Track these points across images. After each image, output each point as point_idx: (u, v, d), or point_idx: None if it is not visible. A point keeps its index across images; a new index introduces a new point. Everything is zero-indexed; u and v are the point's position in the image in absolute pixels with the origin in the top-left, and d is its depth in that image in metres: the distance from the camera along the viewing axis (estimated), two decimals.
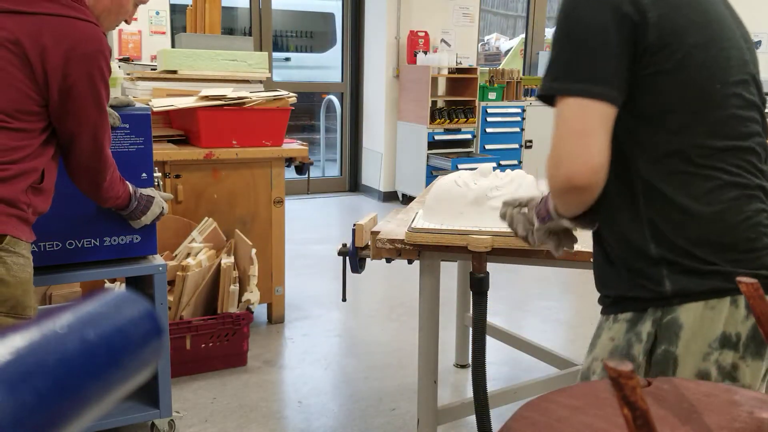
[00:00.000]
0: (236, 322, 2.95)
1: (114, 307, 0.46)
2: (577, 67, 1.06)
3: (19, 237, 1.65)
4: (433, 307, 2.01)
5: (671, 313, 1.09)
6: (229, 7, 7.00)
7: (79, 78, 1.67)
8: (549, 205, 1.22)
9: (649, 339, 1.11)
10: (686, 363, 1.09)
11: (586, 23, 1.07)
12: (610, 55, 1.05)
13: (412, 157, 6.48)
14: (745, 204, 1.10)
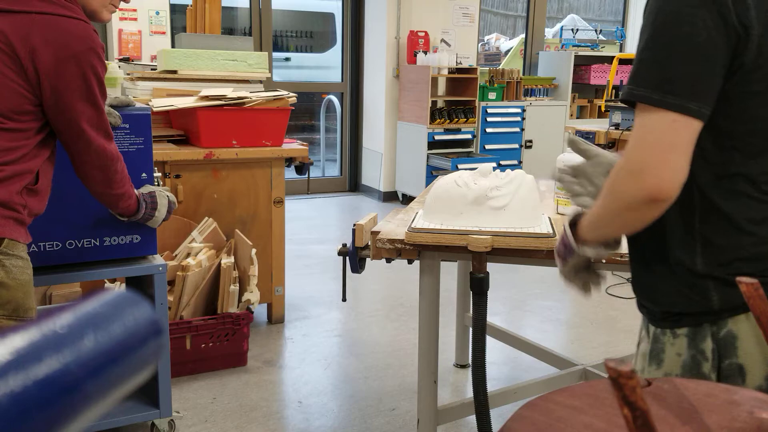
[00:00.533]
0: (236, 322, 2.95)
1: (114, 307, 0.46)
2: (678, 80, 1.02)
3: (17, 239, 1.65)
4: (433, 307, 2.01)
5: (724, 327, 1.11)
6: (229, 7, 7.00)
7: (71, 78, 1.67)
8: (569, 240, 1.21)
9: (714, 356, 1.12)
10: (753, 370, 1.11)
11: (689, 33, 1.01)
12: (712, 72, 1.02)
13: (412, 157, 6.48)
14: None
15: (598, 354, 3.24)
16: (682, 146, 1.01)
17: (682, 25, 1.01)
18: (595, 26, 7.97)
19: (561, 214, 2.26)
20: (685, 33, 1.01)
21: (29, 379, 0.37)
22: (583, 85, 7.52)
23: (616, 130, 4.69)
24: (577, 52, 7.29)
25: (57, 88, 1.66)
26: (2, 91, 1.63)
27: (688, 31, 1.01)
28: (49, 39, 1.64)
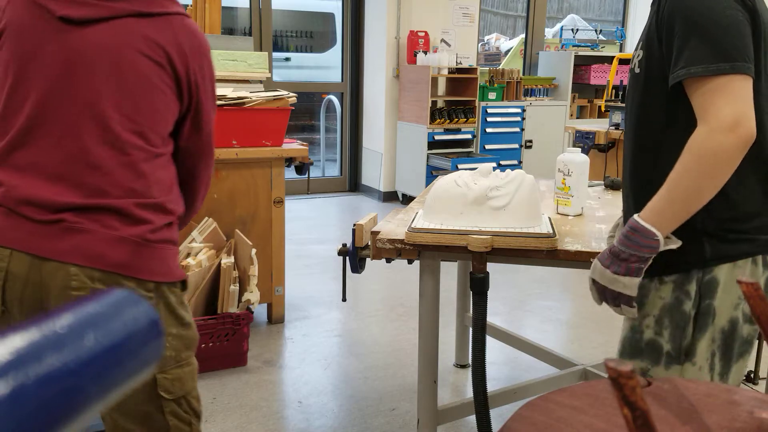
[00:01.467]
0: (236, 322, 2.95)
1: (114, 307, 0.46)
2: (734, 49, 1.23)
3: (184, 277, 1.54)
4: (433, 307, 2.01)
5: (710, 273, 1.30)
6: (229, 7, 7.00)
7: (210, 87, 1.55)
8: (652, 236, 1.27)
9: (696, 296, 1.31)
10: (722, 312, 1.30)
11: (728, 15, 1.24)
12: (749, 41, 1.25)
13: (412, 157, 6.48)
14: None
15: (598, 354, 3.24)
16: (751, 98, 1.23)
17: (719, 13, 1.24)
18: (595, 26, 7.98)
19: (561, 214, 2.26)
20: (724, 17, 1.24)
21: (29, 379, 0.37)
22: (583, 85, 7.52)
23: (617, 130, 4.69)
24: (577, 52, 7.29)
25: (200, 99, 1.51)
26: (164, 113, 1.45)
27: (726, 14, 1.24)
28: (194, 45, 1.47)
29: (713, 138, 1.21)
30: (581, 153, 2.32)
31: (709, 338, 1.31)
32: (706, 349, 1.31)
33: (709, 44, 1.23)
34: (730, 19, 1.24)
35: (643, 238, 1.27)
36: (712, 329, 1.31)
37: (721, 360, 1.32)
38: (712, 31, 1.24)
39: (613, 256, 1.32)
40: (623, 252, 1.30)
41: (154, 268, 1.40)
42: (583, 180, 2.26)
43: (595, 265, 1.37)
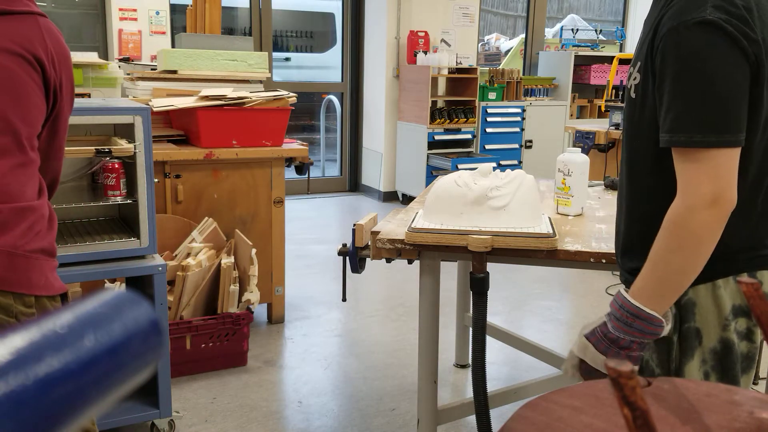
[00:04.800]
0: (236, 322, 2.95)
1: (114, 307, 0.46)
2: (725, 118, 1.15)
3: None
4: (433, 307, 2.01)
5: (686, 295, 1.26)
6: (229, 7, 7.00)
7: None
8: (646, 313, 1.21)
9: (675, 320, 1.28)
10: (708, 333, 1.26)
11: (724, 75, 1.15)
12: (745, 102, 1.17)
13: (412, 157, 6.48)
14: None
15: None
16: (735, 170, 1.17)
17: (715, 70, 1.14)
18: (595, 26, 7.98)
19: (561, 214, 2.26)
20: (720, 80, 1.14)
21: (29, 379, 0.37)
22: (583, 85, 7.52)
23: (616, 130, 4.69)
24: (577, 52, 7.29)
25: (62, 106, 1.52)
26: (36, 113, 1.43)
27: (722, 74, 1.14)
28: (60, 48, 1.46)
29: (693, 216, 1.16)
30: (581, 153, 2.32)
31: (698, 360, 1.27)
32: (696, 371, 1.28)
33: (696, 111, 1.15)
34: (725, 80, 1.14)
35: (648, 325, 1.22)
36: (701, 351, 1.27)
37: (721, 381, 1.28)
38: (702, 94, 1.15)
39: (611, 342, 1.24)
40: (623, 339, 1.23)
41: (32, 280, 1.35)
42: (583, 180, 2.26)
43: (586, 346, 1.28)
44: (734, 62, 1.14)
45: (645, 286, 1.22)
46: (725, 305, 1.25)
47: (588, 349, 1.27)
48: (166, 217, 3.11)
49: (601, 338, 1.25)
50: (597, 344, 1.26)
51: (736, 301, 1.26)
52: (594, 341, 1.26)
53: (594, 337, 1.27)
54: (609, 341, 1.24)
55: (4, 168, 1.35)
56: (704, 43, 1.14)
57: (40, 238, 1.40)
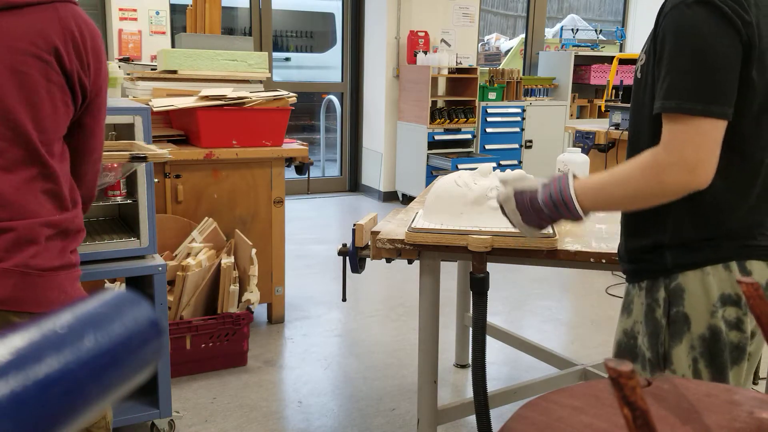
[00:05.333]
0: (236, 322, 2.95)
1: (114, 307, 0.46)
2: (714, 90, 1.22)
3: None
4: (433, 307, 2.01)
5: (675, 280, 1.32)
6: (229, 7, 7.00)
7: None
8: (575, 207, 1.33)
9: (665, 303, 1.34)
10: (697, 319, 1.31)
11: (716, 50, 1.22)
12: (735, 80, 1.23)
13: (412, 157, 6.48)
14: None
15: (598, 354, 3.24)
16: (718, 144, 1.23)
17: (709, 47, 1.21)
18: (595, 26, 7.97)
19: None
20: (712, 53, 1.21)
21: (29, 379, 0.37)
22: (583, 85, 7.52)
23: (616, 130, 4.69)
24: (577, 52, 7.29)
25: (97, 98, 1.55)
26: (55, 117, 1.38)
27: (715, 50, 1.21)
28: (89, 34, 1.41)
29: (670, 171, 1.22)
30: (581, 153, 2.32)
31: (687, 345, 1.32)
32: (684, 356, 1.32)
33: (688, 81, 1.22)
34: (717, 55, 1.21)
35: (568, 213, 1.34)
36: (689, 336, 1.32)
37: (708, 367, 1.32)
38: (695, 65, 1.22)
39: (535, 211, 1.39)
40: (543, 213, 1.38)
41: (49, 297, 1.31)
42: None
43: (510, 199, 1.42)
44: (728, 41, 1.21)
45: (591, 190, 1.33)
46: (713, 292, 1.30)
47: (510, 202, 1.43)
48: (166, 217, 3.11)
49: (527, 201, 1.39)
50: (520, 203, 1.40)
51: (725, 290, 1.30)
52: (519, 200, 1.41)
53: (521, 198, 1.41)
54: (532, 207, 1.39)
55: (18, 182, 1.30)
56: (701, 20, 1.21)
57: (60, 254, 1.35)
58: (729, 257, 1.31)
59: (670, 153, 1.23)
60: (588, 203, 1.33)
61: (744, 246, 1.31)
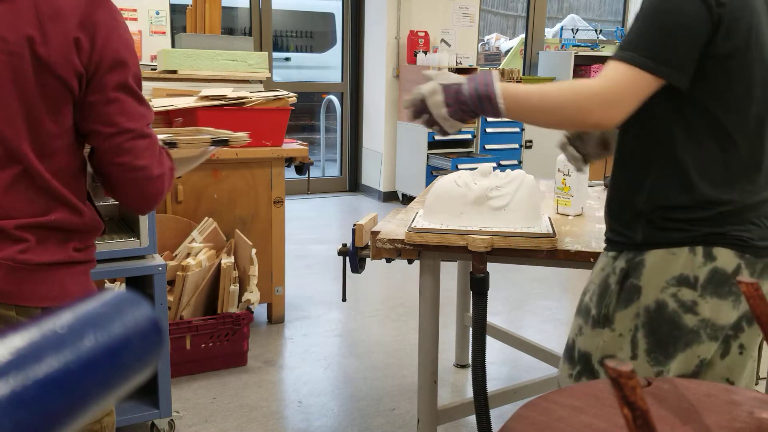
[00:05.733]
0: (236, 322, 2.95)
1: (114, 307, 0.46)
2: (665, 51, 1.28)
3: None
4: (433, 307, 2.01)
5: (640, 256, 1.40)
6: (229, 7, 7.00)
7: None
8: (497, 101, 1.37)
9: (621, 273, 1.42)
10: (647, 293, 1.39)
11: (679, 18, 1.28)
12: (691, 48, 1.29)
13: (412, 157, 6.48)
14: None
15: None
16: (642, 96, 1.30)
17: (672, 9, 1.28)
18: (595, 26, 7.97)
19: (561, 214, 2.26)
20: (673, 16, 1.28)
21: (29, 379, 0.37)
22: None
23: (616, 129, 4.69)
24: (577, 52, 7.29)
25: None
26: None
27: (678, 17, 1.28)
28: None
29: (591, 99, 1.30)
30: None
31: (632, 313, 1.41)
32: (627, 321, 1.41)
33: (644, 38, 1.30)
34: (680, 24, 1.28)
35: (490, 108, 1.38)
36: (637, 305, 1.40)
37: (647, 338, 1.40)
38: (653, 27, 1.29)
39: (460, 104, 1.41)
40: (467, 105, 1.40)
41: (40, 292, 1.31)
42: (583, 180, 2.26)
43: (437, 91, 1.41)
44: (696, 15, 1.27)
45: (516, 92, 1.37)
46: (672, 271, 1.37)
47: (436, 95, 1.41)
48: (166, 217, 3.11)
49: (453, 93, 1.40)
50: (447, 95, 1.40)
51: (684, 271, 1.36)
52: (446, 92, 1.40)
53: (448, 90, 1.40)
54: (457, 100, 1.40)
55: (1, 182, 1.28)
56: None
57: (57, 250, 1.33)
58: (696, 242, 1.36)
59: (599, 84, 1.30)
60: (510, 104, 1.37)
61: (712, 233, 1.35)
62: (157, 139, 1.38)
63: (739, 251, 1.36)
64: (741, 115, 1.35)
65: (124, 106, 1.30)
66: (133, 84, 1.32)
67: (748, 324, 1.43)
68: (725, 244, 1.36)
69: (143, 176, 1.32)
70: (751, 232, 1.37)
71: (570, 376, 1.52)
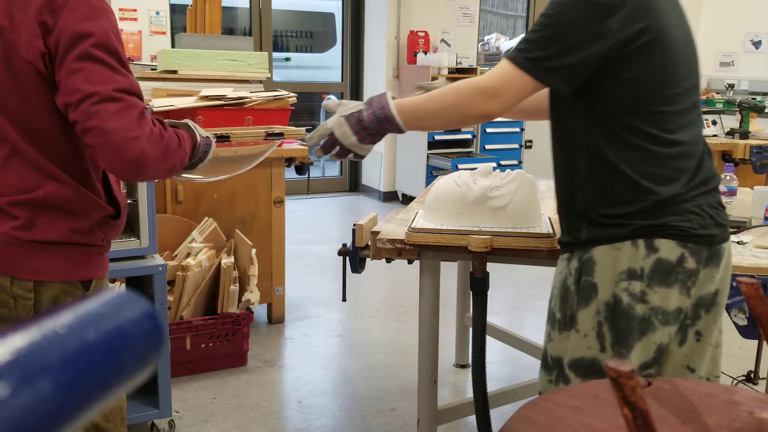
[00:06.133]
0: (236, 322, 2.95)
1: (114, 307, 0.46)
2: (550, 56, 1.36)
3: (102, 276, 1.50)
4: (433, 307, 2.01)
5: (588, 253, 1.46)
6: (229, 7, 7.00)
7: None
8: (396, 120, 1.51)
9: (576, 273, 1.48)
10: (603, 288, 1.44)
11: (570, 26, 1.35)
12: (582, 54, 1.35)
13: (412, 157, 6.48)
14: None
15: None
16: (523, 94, 1.40)
17: (561, 20, 1.36)
18: None
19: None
20: (560, 25, 1.36)
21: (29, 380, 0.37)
22: None
23: None
24: None
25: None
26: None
27: (564, 25, 1.35)
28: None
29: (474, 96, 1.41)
30: None
31: (593, 310, 1.45)
32: (590, 319, 1.46)
33: (535, 39, 1.38)
34: (571, 28, 1.35)
35: (391, 127, 1.51)
36: (596, 302, 1.45)
37: (611, 331, 1.44)
38: (547, 29, 1.37)
39: (364, 129, 1.53)
40: (372, 129, 1.52)
41: (32, 265, 1.36)
42: None
43: (342, 124, 1.54)
44: (589, 27, 1.34)
45: (410, 107, 1.50)
46: (619, 266, 1.42)
47: (342, 127, 1.53)
48: (166, 217, 3.11)
49: (355, 122, 1.53)
50: (350, 125, 1.53)
51: (631, 265, 1.41)
52: (349, 122, 1.53)
53: (351, 120, 1.53)
54: (361, 127, 1.53)
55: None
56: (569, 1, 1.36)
57: (49, 228, 1.36)
58: (636, 235, 1.41)
59: (484, 79, 1.41)
60: (407, 118, 1.50)
61: (651, 225, 1.40)
62: (140, 106, 1.33)
63: (681, 241, 1.41)
64: (664, 113, 1.40)
65: (87, 73, 1.29)
66: (98, 52, 1.29)
67: (706, 311, 1.49)
68: (666, 235, 1.41)
69: (117, 139, 1.27)
70: (691, 222, 1.41)
71: (550, 381, 1.56)
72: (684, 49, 1.44)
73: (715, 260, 1.47)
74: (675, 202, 1.42)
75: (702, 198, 1.44)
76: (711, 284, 1.48)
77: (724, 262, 1.49)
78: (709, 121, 4.60)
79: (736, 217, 2.12)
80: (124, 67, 1.33)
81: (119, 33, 1.37)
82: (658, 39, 1.37)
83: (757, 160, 4.16)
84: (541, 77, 1.38)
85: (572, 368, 1.48)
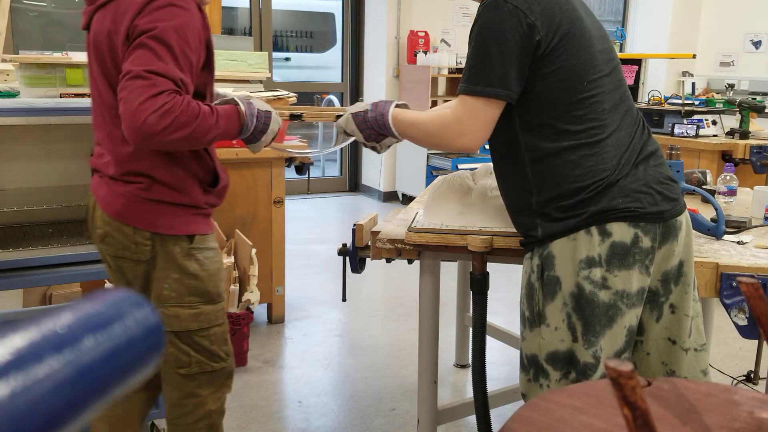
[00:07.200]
0: (236, 322, 2.95)
1: (114, 307, 0.46)
2: (492, 75, 1.45)
3: (206, 231, 1.70)
4: (433, 307, 2.01)
5: (547, 249, 1.51)
6: (229, 7, 7.00)
7: None
8: (392, 131, 1.67)
9: (538, 269, 1.53)
10: (566, 280, 1.48)
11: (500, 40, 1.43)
12: (513, 65, 1.44)
13: (412, 157, 6.48)
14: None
15: None
16: (492, 120, 1.49)
17: (495, 36, 1.44)
18: None
19: None
20: (497, 41, 1.43)
21: (29, 379, 0.37)
22: None
23: None
24: None
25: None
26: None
27: (499, 40, 1.43)
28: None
29: (448, 130, 1.52)
30: None
31: (560, 303, 1.49)
32: (558, 312, 1.49)
33: (471, 67, 1.48)
34: (500, 47, 1.43)
35: (389, 134, 1.68)
36: (561, 295, 1.48)
37: (580, 320, 1.47)
38: (477, 54, 1.46)
39: (369, 128, 1.69)
40: (375, 130, 1.69)
41: (150, 219, 1.62)
42: None
43: (350, 120, 1.72)
44: (519, 33, 1.42)
45: (402, 124, 1.65)
46: (578, 255, 1.46)
47: (350, 123, 1.72)
48: None
49: (361, 120, 1.70)
50: (357, 122, 1.71)
51: (589, 253, 1.45)
52: (356, 120, 1.71)
53: (358, 118, 1.71)
54: (367, 125, 1.69)
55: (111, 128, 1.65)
56: (489, 18, 1.45)
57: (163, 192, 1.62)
58: (589, 223, 1.45)
59: (451, 117, 1.51)
60: (400, 130, 1.66)
61: (601, 211, 1.44)
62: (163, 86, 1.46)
63: (632, 221, 1.44)
64: (593, 97, 1.45)
65: (135, 56, 1.48)
66: (151, 41, 1.47)
67: (675, 284, 1.54)
68: (616, 218, 1.44)
69: (126, 109, 1.45)
70: (640, 201, 1.45)
71: (528, 381, 1.58)
72: (597, 35, 1.52)
73: (673, 234, 1.50)
74: (619, 186, 1.45)
75: (645, 173, 1.48)
76: (673, 258, 1.52)
77: (683, 233, 1.53)
78: (709, 121, 4.59)
79: (736, 217, 2.12)
80: (174, 58, 1.48)
81: (191, 30, 1.54)
82: (575, 28, 1.45)
83: (757, 160, 4.16)
84: (493, 94, 1.45)
85: (549, 362, 1.51)
